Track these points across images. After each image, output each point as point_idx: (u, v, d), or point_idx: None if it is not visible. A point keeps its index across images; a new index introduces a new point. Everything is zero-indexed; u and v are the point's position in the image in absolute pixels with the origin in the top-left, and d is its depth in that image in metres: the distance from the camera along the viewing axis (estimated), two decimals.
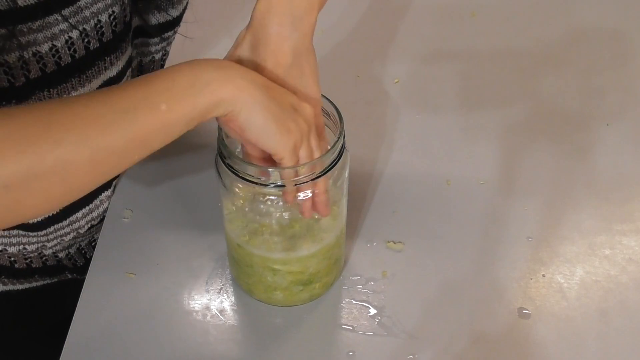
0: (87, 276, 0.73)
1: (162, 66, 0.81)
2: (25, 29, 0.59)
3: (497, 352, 0.67)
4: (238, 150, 0.64)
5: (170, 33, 0.79)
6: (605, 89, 0.94)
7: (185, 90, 0.52)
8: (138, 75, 0.69)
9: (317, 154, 0.60)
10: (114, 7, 0.65)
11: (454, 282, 0.72)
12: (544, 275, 0.73)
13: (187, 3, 0.80)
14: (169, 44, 0.81)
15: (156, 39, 0.78)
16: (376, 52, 1.00)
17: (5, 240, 0.73)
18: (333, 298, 0.71)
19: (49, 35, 0.61)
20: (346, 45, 1.01)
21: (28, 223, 0.72)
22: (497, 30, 1.04)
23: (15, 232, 0.73)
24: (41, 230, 0.74)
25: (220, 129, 0.61)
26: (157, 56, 0.80)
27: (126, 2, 0.67)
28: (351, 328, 0.69)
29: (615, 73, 0.96)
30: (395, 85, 0.94)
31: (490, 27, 1.04)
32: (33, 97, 0.63)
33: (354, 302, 0.71)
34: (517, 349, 0.67)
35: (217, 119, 0.56)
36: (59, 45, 0.62)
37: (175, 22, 0.78)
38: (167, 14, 0.75)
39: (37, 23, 0.60)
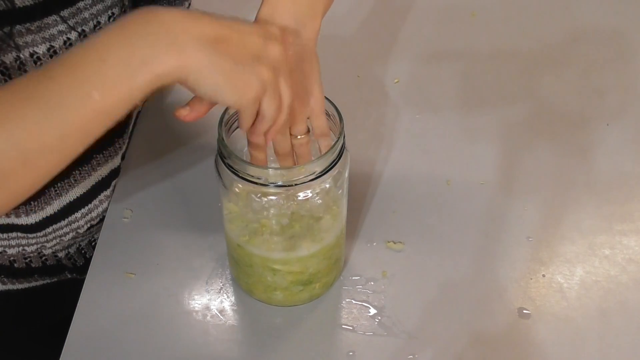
0: (87, 276, 0.73)
1: None
2: (23, 30, 0.58)
3: (497, 352, 0.67)
4: (245, 150, 0.63)
5: None
6: (605, 89, 0.94)
7: (118, 72, 0.46)
8: None
9: (286, 97, 0.54)
10: (113, 9, 0.64)
11: (454, 282, 0.72)
12: (544, 275, 0.73)
13: (189, 5, 0.80)
14: None
15: None
16: (376, 52, 1.00)
17: (4, 243, 0.73)
18: (333, 298, 0.71)
19: (47, 37, 0.60)
20: (346, 45, 1.01)
21: (26, 224, 0.72)
22: (497, 30, 1.04)
23: (14, 234, 0.73)
24: (40, 231, 0.73)
25: (220, 128, 0.61)
26: None
27: (126, 4, 0.67)
28: (351, 328, 0.69)
29: (615, 73, 0.96)
30: (395, 85, 0.94)
31: (490, 27, 1.04)
32: None
33: (354, 302, 0.71)
34: (517, 349, 0.67)
35: None
36: (57, 46, 0.61)
37: None
38: None
39: (36, 24, 0.59)
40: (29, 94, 0.46)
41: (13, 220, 0.72)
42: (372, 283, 0.72)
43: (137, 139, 0.85)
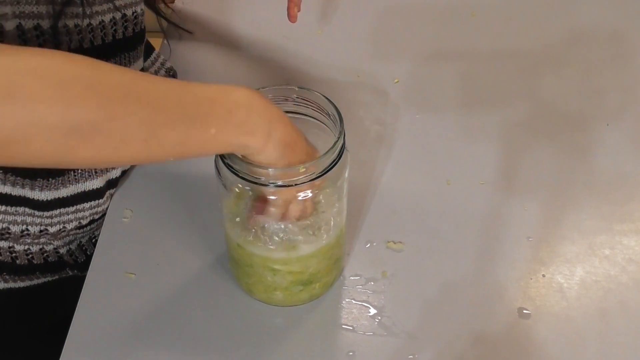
0: (87, 276, 0.73)
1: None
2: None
3: (497, 352, 0.67)
4: None
5: None
6: (605, 89, 0.94)
7: (234, 127, 0.56)
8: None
9: (308, 213, 0.64)
10: (142, 5, 0.74)
11: (454, 282, 0.72)
12: (544, 275, 0.73)
13: (158, 57, 0.88)
14: None
15: None
16: (376, 52, 1.00)
17: (10, 218, 0.74)
18: (333, 298, 0.71)
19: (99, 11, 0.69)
20: (346, 45, 1.01)
21: (37, 200, 0.73)
22: (497, 30, 1.04)
23: (22, 209, 0.73)
24: (47, 210, 0.74)
25: None
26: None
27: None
28: (351, 328, 0.69)
29: (615, 73, 0.96)
30: (395, 85, 0.94)
31: (490, 27, 1.04)
32: None
33: (354, 302, 0.71)
34: (517, 349, 0.67)
35: None
36: (106, 21, 0.71)
37: None
38: None
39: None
40: (178, 95, 0.54)
41: (26, 192, 0.73)
42: (372, 283, 0.72)
43: None
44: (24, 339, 0.85)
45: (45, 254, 0.79)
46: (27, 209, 0.74)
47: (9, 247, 0.76)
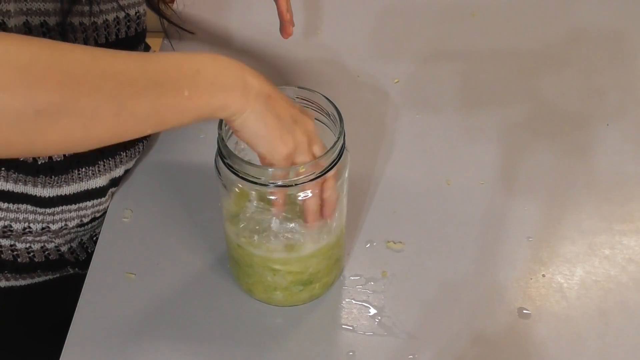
0: (87, 276, 0.73)
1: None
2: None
3: (497, 352, 0.67)
4: (244, 150, 0.64)
5: None
6: (605, 89, 0.94)
7: (206, 85, 0.55)
8: None
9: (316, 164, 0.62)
10: (144, 6, 0.75)
11: (454, 282, 0.72)
12: (544, 275, 0.73)
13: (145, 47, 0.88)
14: None
15: None
16: (376, 52, 1.00)
17: (12, 215, 0.74)
18: (333, 298, 0.71)
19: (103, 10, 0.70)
20: (346, 45, 1.01)
21: (40, 197, 0.73)
22: (497, 30, 1.04)
23: (24, 206, 0.73)
24: (50, 207, 0.74)
25: (220, 128, 0.61)
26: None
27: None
28: (351, 328, 0.69)
29: (615, 73, 0.96)
30: (395, 85, 0.94)
31: (490, 27, 1.04)
32: None
33: (354, 302, 0.71)
34: (517, 349, 0.67)
35: None
36: (110, 20, 0.71)
37: None
38: None
39: None
40: (141, 64, 0.53)
41: (29, 189, 0.73)
42: (372, 283, 0.72)
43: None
44: (25, 338, 0.85)
45: (46, 252, 0.79)
46: (29, 206, 0.74)
47: (11, 245, 0.76)
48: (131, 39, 0.76)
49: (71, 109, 0.49)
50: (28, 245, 0.77)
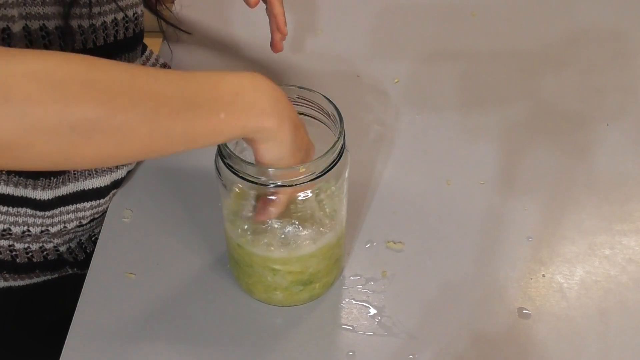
0: (87, 276, 0.73)
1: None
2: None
3: (497, 352, 0.67)
4: (244, 150, 0.64)
5: None
6: (605, 89, 0.94)
7: (244, 109, 0.55)
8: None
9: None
10: (142, 6, 0.75)
11: (454, 282, 0.72)
12: (544, 275, 0.73)
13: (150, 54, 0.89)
14: None
15: None
16: (376, 52, 1.00)
17: (12, 219, 0.74)
18: (333, 298, 0.71)
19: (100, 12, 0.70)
20: (346, 45, 1.01)
21: (39, 200, 0.73)
22: (497, 30, 1.04)
23: (23, 210, 0.74)
24: (48, 210, 0.74)
25: None
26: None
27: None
28: (351, 328, 0.69)
29: (615, 73, 0.96)
30: (395, 85, 0.94)
31: (490, 27, 1.04)
32: None
33: (354, 302, 0.71)
34: (517, 349, 0.67)
35: None
36: (108, 21, 0.71)
37: None
38: None
39: None
40: (179, 85, 0.53)
41: (28, 193, 0.73)
42: (372, 283, 0.72)
43: None
44: (24, 338, 0.85)
45: (44, 252, 0.79)
46: (28, 210, 0.74)
47: (9, 246, 0.76)
48: (129, 40, 0.76)
49: (106, 127, 0.49)
50: (26, 245, 0.77)
